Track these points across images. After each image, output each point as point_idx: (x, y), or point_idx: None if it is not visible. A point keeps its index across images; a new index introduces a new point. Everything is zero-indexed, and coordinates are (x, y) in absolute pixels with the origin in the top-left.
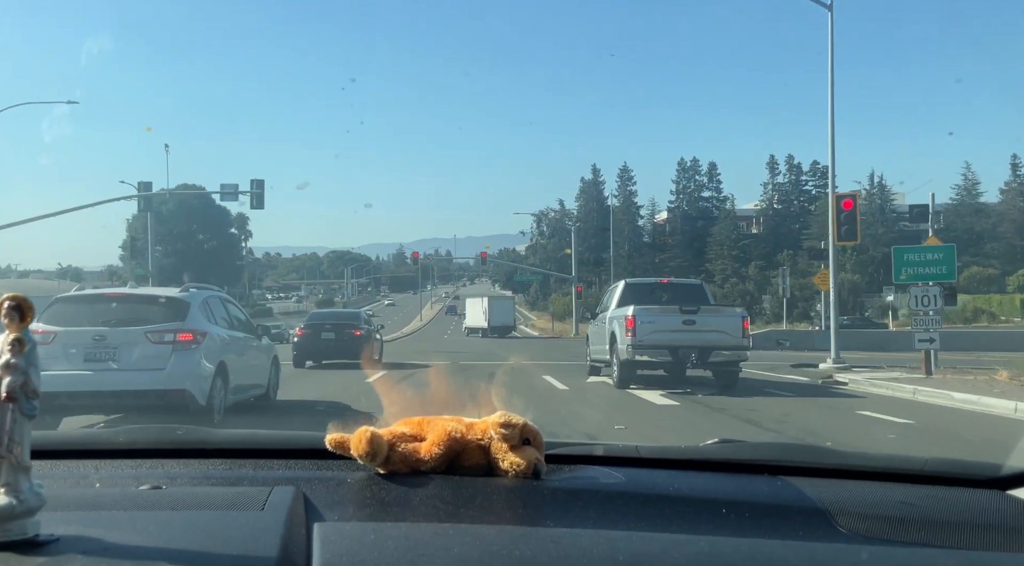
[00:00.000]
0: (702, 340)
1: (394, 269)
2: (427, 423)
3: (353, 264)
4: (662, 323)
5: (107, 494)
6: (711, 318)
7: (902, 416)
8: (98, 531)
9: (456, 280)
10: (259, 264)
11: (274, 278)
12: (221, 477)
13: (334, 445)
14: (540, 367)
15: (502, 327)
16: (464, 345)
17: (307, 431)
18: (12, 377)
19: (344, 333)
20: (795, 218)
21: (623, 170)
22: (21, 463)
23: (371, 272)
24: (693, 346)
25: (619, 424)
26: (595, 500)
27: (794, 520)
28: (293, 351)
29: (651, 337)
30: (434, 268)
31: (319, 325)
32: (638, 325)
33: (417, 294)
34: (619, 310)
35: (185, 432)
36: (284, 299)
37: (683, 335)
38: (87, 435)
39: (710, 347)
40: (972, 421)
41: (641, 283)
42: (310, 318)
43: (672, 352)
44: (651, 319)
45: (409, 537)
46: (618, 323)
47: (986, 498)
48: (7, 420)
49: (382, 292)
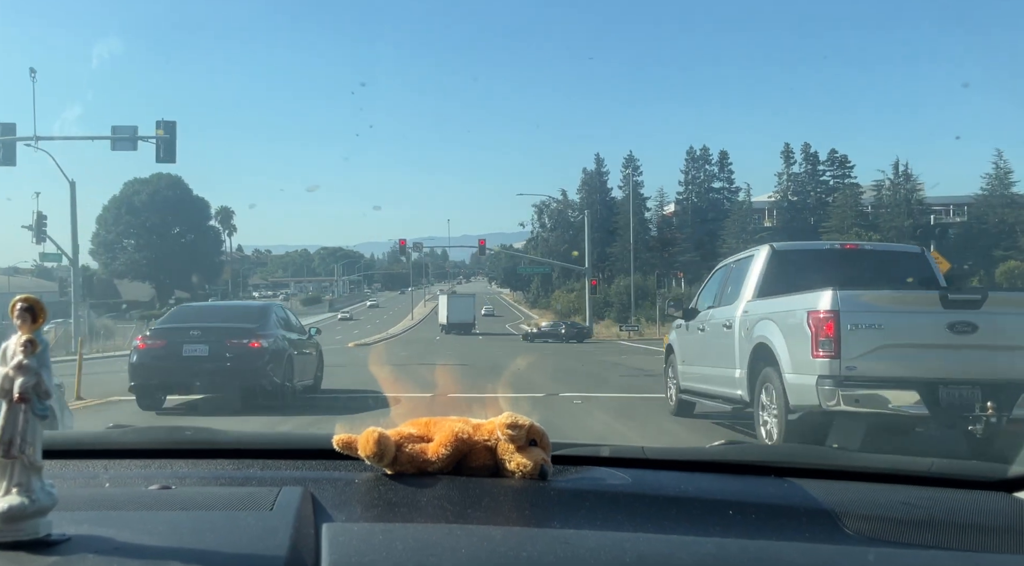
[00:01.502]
0: (998, 368)
1: (388, 266)
2: (434, 424)
3: (344, 260)
4: (903, 328)
5: (117, 494)
6: (1014, 319)
7: None
8: (109, 531)
9: (452, 278)
10: (248, 261)
11: (263, 275)
12: (230, 477)
13: (342, 445)
14: (587, 401)
15: (461, 324)
16: (460, 352)
17: (314, 431)
18: (25, 378)
19: (225, 347)
20: (811, 210)
21: (628, 159)
22: (33, 463)
23: (363, 269)
24: (978, 381)
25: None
26: (602, 501)
27: (800, 522)
28: (130, 380)
29: (879, 359)
30: (428, 266)
31: (179, 333)
32: (848, 331)
33: (405, 293)
34: (778, 301)
35: (193, 432)
36: (271, 297)
37: (954, 356)
38: (96, 435)
39: (1020, 384)
40: None
41: (806, 250)
42: (168, 318)
43: (929, 393)
44: (880, 320)
45: (417, 537)
46: (782, 326)
47: (993, 500)
48: (19, 421)
49: (372, 290)
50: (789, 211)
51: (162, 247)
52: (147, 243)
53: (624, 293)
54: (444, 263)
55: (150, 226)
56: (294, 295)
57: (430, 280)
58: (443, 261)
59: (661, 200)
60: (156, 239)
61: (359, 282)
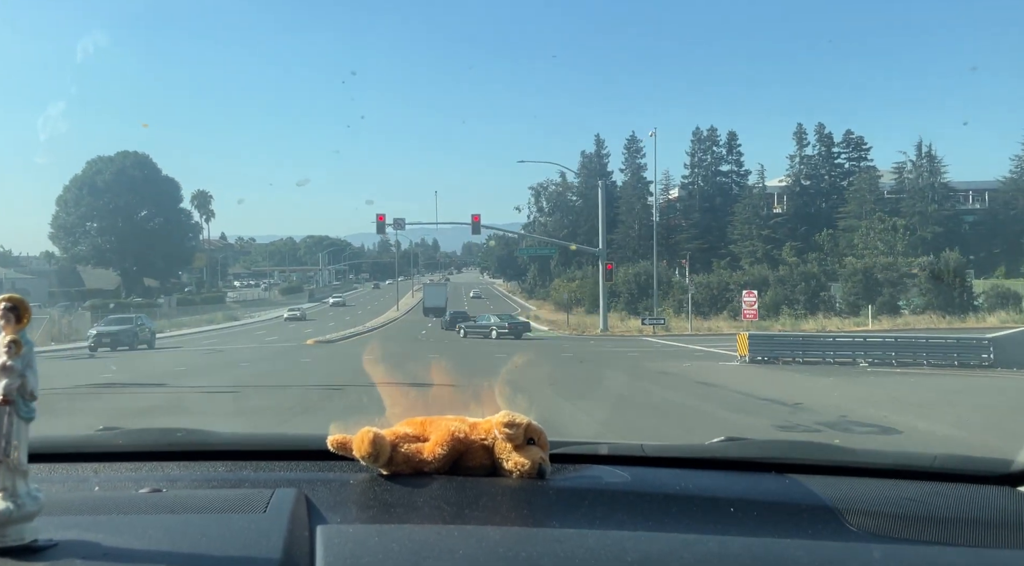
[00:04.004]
0: None
1: (378, 255)
2: (430, 423)
3: (331, 249)
4: None
5: (106, 498)
6: None
7: None
8: (97, 535)
9: (443, 268)
10: (231, 249)
11: (245, 264)
12: (222, 479)
13: (336, 446)
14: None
15: (435, 308)
16: (451, 353)
17: (308, 432)
18: (9, 380)
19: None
20: (825, 195)
21: (630, 141)
22: (18, 467)
23: (351, 258)
24: None
25: None
26: (601, 500)
27: (803, 518)
28: None
29: None
30: (418, 255)
31: None
32: None
33: (381, 286)
34: None
35: (185, 434)
36: (253, 287)
37: None
38: (85, 438)
39: None
40: None
41: None
42: None
43: None
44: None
45: (413, 539)
46: None
47: (996, 495)
48: (4, 423)
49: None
50: (802, 196)
51: (127, 231)
52: (111, 226)
53: (632, 282)
54: (435, 253)
55: (114, 208)
56: (276, 285)
57: (420, 270)
58: (434, 251)
59: (667, 183)
60: (120, 222)
61: (344, 271)
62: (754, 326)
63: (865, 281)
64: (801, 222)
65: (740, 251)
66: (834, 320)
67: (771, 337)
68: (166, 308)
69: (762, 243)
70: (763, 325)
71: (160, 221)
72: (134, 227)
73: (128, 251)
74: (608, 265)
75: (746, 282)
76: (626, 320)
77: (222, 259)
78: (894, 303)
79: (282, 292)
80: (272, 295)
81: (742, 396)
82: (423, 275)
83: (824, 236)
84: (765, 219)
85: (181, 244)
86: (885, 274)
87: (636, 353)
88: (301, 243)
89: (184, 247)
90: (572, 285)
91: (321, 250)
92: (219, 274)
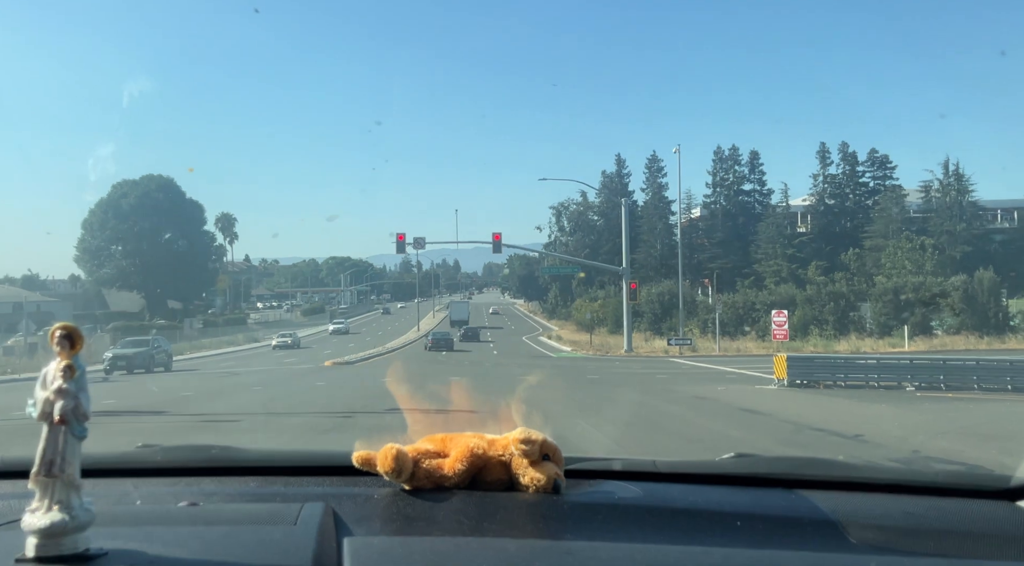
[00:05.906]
0: None
1: (399, 276)
2: (450, 440)
3: (352, 270)
4: None
5: (148, 511)
6: None
7: None
8: (142, 545)
9: (464, 289)
10: (254, 271)
11: (268, 286)
12: (254, 494)
13: (361, 462)
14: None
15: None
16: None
17: (334, 449)
18: (64, 401)
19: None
20: (850, 214)
21: (651, 160)
22: (73, 482)
23: (373, 278)
24: None
25: None
26: (613, 514)
27: (807, 532)
28: None
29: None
30: (440, 275)
31: None
32: None
33: (391, 312)
34: None
35: (219, 451)
36: (275, 308)
37: None
38: (125, 455)
39: None
40: None
41: None
42: None
43: None
44: None
45: (434, 550)
46: None
47: (996, 509)
48: (60, 441)
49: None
50: (826, 215)
51: (152, 254)
52: (135, 249)
53: (655, 302)
54: (456, 274)
55: (139, 231)
56: (298, 306)
57: (440, 291)
58: (455, 272)
59: (688, 203)
60: (145, 245)
61: (367, 292)
62: (784, 347)
63: (895, 301)
64: (826, 241)
65: (764, 270)
66: (867, 341)
67: (811, 359)
68: (188, 330)
69: (787, 262)
70: (794, 346)
71: (184, 244)
72: (158, 250)
73: (152, 273)
74: (632, 284)
75: (773, 302)
76: (650, 340)
77: (245, 281)
78: (926, 323)
79: (304, 313)
80: (294, 316)
81: (793, 425)
82: (443, 295)
83: (851, 255)
84: (789, 238)
85: (205, 266)
86: (916, 294)
87: (664, 375)
88: (323, 264)
89: (208, 269)
90: (594, 305)
91: (343, 271)
92: (242, 296)
